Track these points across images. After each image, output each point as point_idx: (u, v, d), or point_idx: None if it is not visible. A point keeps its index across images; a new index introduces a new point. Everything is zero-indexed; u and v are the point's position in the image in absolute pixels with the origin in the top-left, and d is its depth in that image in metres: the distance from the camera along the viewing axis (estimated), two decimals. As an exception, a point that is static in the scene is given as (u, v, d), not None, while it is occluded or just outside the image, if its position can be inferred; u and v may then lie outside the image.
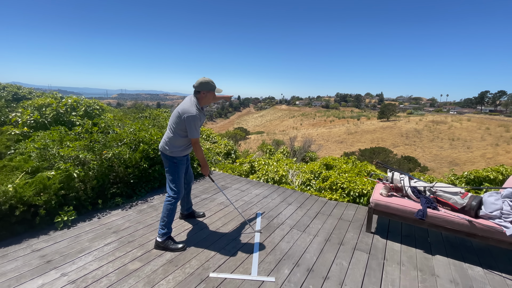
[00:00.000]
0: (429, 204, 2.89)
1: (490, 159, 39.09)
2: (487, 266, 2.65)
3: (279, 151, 9.80)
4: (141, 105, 11.96)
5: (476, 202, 2.73)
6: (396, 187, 3.28)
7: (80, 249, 2.59)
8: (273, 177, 5.36)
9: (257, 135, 59.24)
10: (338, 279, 2.36)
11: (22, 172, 3.18)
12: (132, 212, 3.43)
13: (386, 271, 2.50)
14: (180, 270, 2.36)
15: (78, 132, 4.22)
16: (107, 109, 7.33)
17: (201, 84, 2.63)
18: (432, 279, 2.41)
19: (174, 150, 2.68)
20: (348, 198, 4.32)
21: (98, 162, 3.55)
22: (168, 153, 2.68)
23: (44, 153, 3.49)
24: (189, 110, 2.53)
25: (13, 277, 2.16)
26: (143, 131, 4.50)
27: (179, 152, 2.71)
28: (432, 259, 2.73)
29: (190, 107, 2.56)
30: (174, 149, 2.67)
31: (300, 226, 3.33)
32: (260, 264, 2.50)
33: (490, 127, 52.80)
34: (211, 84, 2.65)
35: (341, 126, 70.49)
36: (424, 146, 49.15)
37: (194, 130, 2.58)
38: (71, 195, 3.19)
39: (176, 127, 2.61)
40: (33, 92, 9.72)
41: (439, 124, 58.67)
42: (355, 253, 2.79)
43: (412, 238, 3.12)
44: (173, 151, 2.68)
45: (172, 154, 2.69)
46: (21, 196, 2.81)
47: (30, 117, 4.89)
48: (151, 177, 4.17)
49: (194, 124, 2.55)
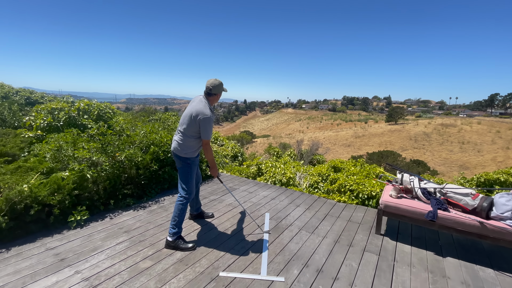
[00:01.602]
0: (440, 205, 2.86)
1: (501, 163, 38.18)
2: (498, 268, 2.61)
3: (286, 153, 9.79)
4: (150, 109, 12.15)
5: (488, 203, 2.70)
6: (405, 189, 3.26)
7: (92, 248, 2.65)
8: (280, 179, 5.37)
9: (263, 139, 59.24)
10: (348, 280, 2.35)
11: (37, 173, 3.28)
12: (143, 213, 3.49)
13: (396, 273, 2.48)
14: (191, 269, 2.40)
15: (91, 134, 4.32)
16: (118, 112, 7.48)
17: (216, 87, 2.69)
18: (443, 281, 2.39)
19: (188, 152, 2.71)
20: (357, 201, 4.30)
21: (111, 163, 3.63)
22: (182, 154, 2.72)
23: (58, 154, 3.59)
24: (204, 111, 2.58)
25: (28, 275, 2.22)
26: (153, 133, 4.58)
27: (192, 153, 2.74)
28: (443, 261, 2.70)
29: (204, 108, 2.60)
30: (187, 150, 2.71)
31: (309, 227, 3.33)
32: (269, 264, 2.51)
33: (500, 130, 51.63)
34: (222, 86, 2.74)
35: (348, 129, 69.93)
36: (433, 149, 48.34)
37: (208, 131, 2.62)
38: (84, 195, 3.27)
39: (189, 129, 2.65)
40: (45, 97, 9.99)
41: (448, 127, 57.67)
42: (365, 254, 2.78)
43: (423, 240, 3.09)
44: (187, 152, 2.72)
45: (186, 155, 2.73)
46: (36, 196, 2.90)
47: (43, 120, 5.03)
48: (161, 179, 4.24)
49: (209, 126, 2.60)
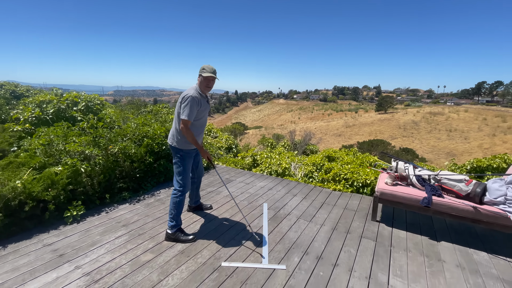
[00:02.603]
0: (434, 191, 2.93)
1: (487, 150, 39.38)
2: (492, 251, 2.71)
3: (280, 144, 9.83)
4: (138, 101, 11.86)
5: (481, 188, 2.78)
6: (400, 176, 3.32)
7: (91, 243, 2.62)
8: (276, 170, 5.40)
9: (255, 130, 59.13)
10: (347, 266, 2.41)
11: (29, 168, 3.19)
12: (140, 206, 3.46)
13: (393, 257, 2.55)
14: (192, 260, 2.40)
15: (82, 128, 4.21)
16: (107, 105, 7.30)
17: (202, 69, 2.63)
18: (438, 264, 2.47)
19: (179, 142, 2.67)
20: (352, 189, 4.37)
21: (104, 157, 3.56)
22: (175, 145, 2.68)
23: (49, 149, 3.49)
24: (188, 92, 2.56)
25: (27, 272, 2.18)
26: (146, 126, 4.50)
27: (185, 144, 2.68)
28: (437, 245, 2.79)
29: (189, 90, 2.59)
30: (181, 141, 2.66)
31: (307, 216, 3.38)
32: (270, 253, 2.55)
33: (487, 118, 53.05)
34: (209, 68, 2.61)
35: (339, 119, 70.49)
36: (421, 137, 49.36)
37: (188, 110, 2.49)
38: (79, 190, 3.21)
39: (178, 117, 2.61)
40: (31, 90, 9.64)
41: (436, 116, 58.83)
42: (362, 241, 2.84)
43: (417, 226, 3.18)
44: (179, 144, 2.67)
45: (179, 147, 2.68)
46: (29, 192, 2.83)
47: (31, 113, 4.86)
48: (156, 171, 4.19)
49: (190, 105, 2.50)
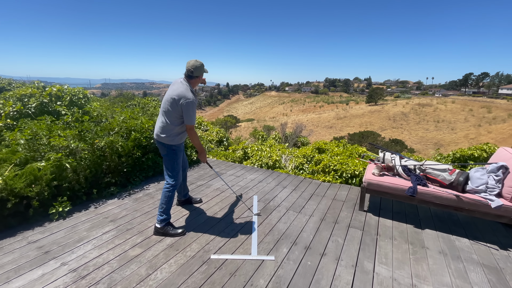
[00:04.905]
0: (419, 181, 3.00)
1: (473, 140, 40.54)
2: (473, 237, 2.81)
3: (271, 137, 9.84)
4: (128, 94, 11.59)
5: (463, 177, 2.86)
6: (387, 167, 3.38)
7: (78, 239, 2.58)
8: (267, 162, 5.41)
9: (247, 123, 59.00)
10: (334, 255, 2.45)
11: (10, 164, 3.09)
12: (128, 201, 3.42)
13: (379, 246, 2.62)
14: (181, 254, 2.40)
15: (67, 122, 4.09)
16: (94, 98, 7.11)
17: (197, 69, 2.58)
18: (422, 251, 2.55)
19: (172, 138, 2.62)
20: (341, 180, 4.43)
21: (90, 151, 3.48)
22: (166, 141, 2.62)
23: (32, 143, 3.38)
24: (186, 95, 2.47)
25: (11, 269, 2.14)
26: (133, 119, 4.41)
27: (177, 139, 2.65)
28: (422, 233, 2.87)
29: (186, 92, 2.49)
30: (172, 137, 2.61)
31: (296, 207, 3.41)
32: (260, 245, 2.57)
33: (473, 109, 54.40)
34: (203, 68, 2.63)
35: (330, 111, 71.00)
36: (410, 128, 50.36)
37: (191, 116, 2.52)
38: (64, 185, 3.14)
39: (171, 114, 2.53)
40: (13, 83, 9.27)
41: (424, 107, 59.94)
42: (350, 230, 2.90)
43: (403, 215, 3.26)
44: (171, 139, 2.62)
45: (171, 142, 2.63)
46: (11, 188, 2.74)
47: (12, 108, 4.69)
48: (144, 166, 4.13)
49: (192, 110, 2.51)
